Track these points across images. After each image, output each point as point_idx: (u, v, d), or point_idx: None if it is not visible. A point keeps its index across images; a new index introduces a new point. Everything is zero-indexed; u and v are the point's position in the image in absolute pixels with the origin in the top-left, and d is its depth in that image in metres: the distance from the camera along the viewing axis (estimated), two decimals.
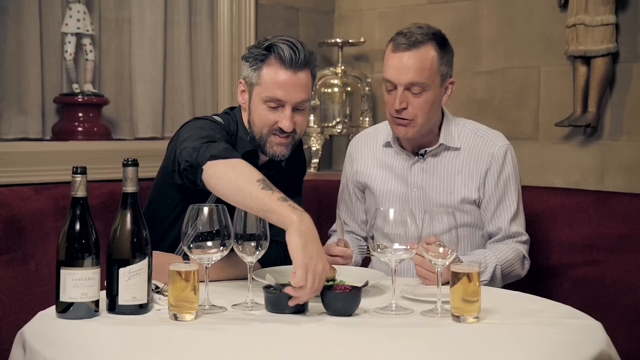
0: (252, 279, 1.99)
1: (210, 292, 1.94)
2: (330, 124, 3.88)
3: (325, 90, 3.89)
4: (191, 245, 1.88)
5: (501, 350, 1.67)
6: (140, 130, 3.60)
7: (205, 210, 1.88)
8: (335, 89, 3.89)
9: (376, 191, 2.62)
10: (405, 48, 2.41)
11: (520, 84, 3.54)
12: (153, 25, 3.60)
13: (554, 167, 3.45)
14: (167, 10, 3.66)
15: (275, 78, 2.23)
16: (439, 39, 2.46)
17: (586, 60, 3.26)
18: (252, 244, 1.95)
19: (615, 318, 2.55)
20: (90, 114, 3.40)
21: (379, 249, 1.94)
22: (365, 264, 2.67)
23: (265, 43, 2.26)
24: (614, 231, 2.79)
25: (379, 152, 2.66)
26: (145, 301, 1.87)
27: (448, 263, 1.92)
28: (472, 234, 2.58)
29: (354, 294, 1.90)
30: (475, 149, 2.55)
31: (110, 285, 1.86)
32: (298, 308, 1.89)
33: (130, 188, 1.88)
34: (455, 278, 1.84)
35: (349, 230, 2.74)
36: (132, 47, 3.58)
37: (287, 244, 1.86)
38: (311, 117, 3.83)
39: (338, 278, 2.13)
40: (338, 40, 3.89)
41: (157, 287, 2.04)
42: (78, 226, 1.83)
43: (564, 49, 3.31)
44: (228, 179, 1.98)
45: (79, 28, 3.35)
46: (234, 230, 1.93)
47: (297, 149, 2.45)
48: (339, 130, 3.88)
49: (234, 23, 3.70)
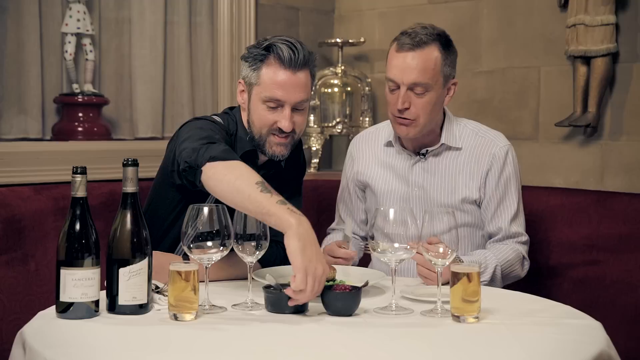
0: (252, 279, 1.99)
1: (210, 292, 1.94)
2: (330, 124, 3.88)
3: (325, 90, 3.89)
4: (191, 245, 1.88)
5: (501, 350, 1.67)
6: (140, 130, 3.60)
7: (205, 210, 1.88)
8: (335, 89, 3.89)
9: (377, 191, 2.62)
10: (409, 48, 2.41)
11: (520, 84, 3.54)
12: (153, 25, 3.60)
13: (554, 167, 3.45)
14: (167, 10, 3.66)
15: (274, 78, 2.22)
16: (443, 40, 2.46)
17: (586, 60, 3.26)
18: (252, 244, 1.95)
19: (615, 318, 2.55)
20: (90, 114, 3.40)
21: (379, 249, 1.94)
22: (365, 264, 2.67)
23: (265, 43, 2.25)
24: (614, 231, 2.79)
25: (380, 152, 2.65)
26: (145, 301, 1.87)
27: (448, 263, 1.92)
28: (473, 234, 2.58)
29: (354, 294, 1.90)
30: (477, 149, 2.55)
31: (110, 285, 1.86)
32: (298, 308, 1.89)
33: (130, 188, 1.88)
34: (455, 278, 1.84)
35: None
36: (132, 47, 3.58)
37: (286, 248, 1.85)
38: (311, 117, 3.83)
39: (338, 278, 2.13)
40: (338, 40, 3.88)
41: (157, 287, 2.04)
42: (78, 226, 1.83)
43: (564, 49, 3.31)
44: (227, 181, 1.98)
45: (79, 28, 3.35)
46: (234, 230, 1.93)
47: (297, 149, 2.45)
48: (339, 130, 3.88)
49: (234, 23, 3.70)
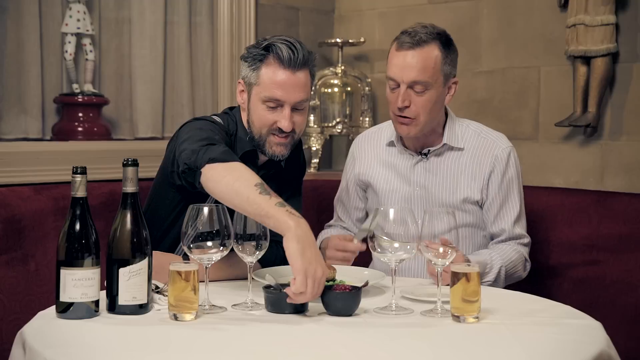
0: (252, 279, 1.99)
1: (210, 292, 1.94)
2: (330, 124, 3.88)
3: (325, 90, 3.89)
4: (191, 245, 1.88)
5: (501, 350, 1.67)
6: (140, 130, 3.60)
7: (205, 210, 1.88)
8: (335, 89, 3.89)
9: (379, 190, 2.62)
10: (409, 47, 2.42)
11: (520, 84, 3.54)
12: (153, 25, 3.60)
13: (554, 167, 3.45)
14: (167, 10, 3.66)
15: (274, 78, 2.22)
16: (444, 39, 2.46)
17: (586, 60, 3.26)
18: (252, 244, 1.95)
19: (615, 318, 2.55)
20: (90, 114, 3.40)
21: (379, 250, 1.94)
22: (365, 264, 2.67)
23: (264, 43, 2.25)
24: (614, 231, 2.79)
25: (382, 151, 2.66)
26: (145, 301, 1.87)
27: (448, 263, 1.92)
28: (474, 234, 2.58)
29: (354, 294, 1.90)
30: (479, 150, 2.55)
31: (110, 285, 1.86)
32: (298, 308, 1.89)
33: (130, 188, 1.88)
34: (455, 278, 1.84)
35: (344, 227, 2.75)
36: (132, 47, 3.58)
37: (285, 250, 1.85)
38: (311, 117, 3.83)
39: (338, 278, 2.13)
40: (338, 40, 3.88)
41: (157, 287, 2.04)
42: (78, 226, 1.83)
43: (564, 49, 3.31)
44: (226, 183, 1.97)
45: (79, 28, 3.35)
46: (234, 230, 1.93)
47: (297, 148, 2.45)
48: (339, 130, 3.87)
49: (234, 23, 3.70)
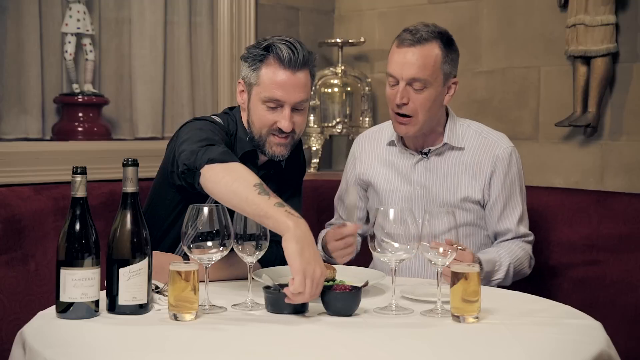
0: (252, 279, 1.99)
1: (210, 292, 1.94)
2: (330, 124, 3.88)
3: (325, 90, 3.89)
4: (191, 245, 1.88)
5: (501, 350, 1.67)
6: (140, 130, 3.60)
7: (205, 210, 1.88)
8: (335, 89, 3.89)
9: (380, 189, 2.62)
10: (409, 44, 2.42)
11: (520, 84, 3.54)
12: (153, 25, 3.60)
13: (554, 167, 3.45)
14: (167, 10, 3.66)
15: (274, 78, 2.22)
16: (445, 38, 2.46)
17: (586, 60, 3.26)
18: (252, 244, 1.95)
19: (615, 318, 2.55)
20: (90, 114, 3.40)
21: (379, 250, 1.94)
22: (365, 264, 2.67)
23: (264, 43, 2.25)
24: (614, 231, 2.79)
25: (382, 151, 2.66)
26: (145, 301, 1.87)
27: (448, 263, 1.92)
28: (474, 232, 2.58)
29: (354, 294, 1.90)
30: (479, 150, 2.55)
31: (110, 285, 1.86)
32: (298, 309, 1.88)
33: (130, 188, 1.88)
34: (455, 278, 1.84)
35: None
36: (132, 47, 3.58)
37: (284, 250, 1.84)
38: (311, 117, 3.83)
39: (338, 278, 2.13)
40: (338, 40, 3.88)
41: (157, 287, 2.04)
42: (78, 226, 1.83)
43: (564, 49, 3.31)
44: (225, 183, 1.97)
45: (79, 28, 3.35)
46: (234, 230, 1.93)
47: (297, 148, 2.45)
48: (339, 130, 3.87)
49: (234, 23, 3.70)
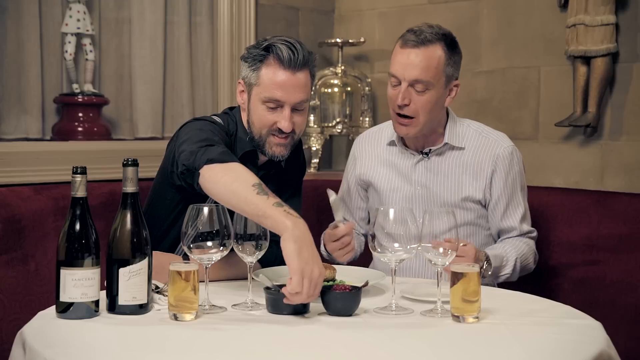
0: (252, 279, 1.99)
1: (210, 292, 1.94)
2: (330, 124, 3.88)
3: (325, 90, 3.89)
4: (191, 245, 1.88)
5: (501, 350, 1.67)
6: (140, 130, 3.60)
7: (205, 210, 1.88)
8: (335, 89, 3.89)
9: (381, 190, 2.62)
10: (413, 45, 2.42)
11: (520, 84, 3.54)
12: (153, 25, 3.60)
13: (554, 167, 3.45)
14: (167, 10, 3.66)
15: (274, 78, 2.22)
16: (448, 40, 2.46)
17: (586, 60, 3.26)
18: (252, 244, 1.95)
19: (615, 318, 2.55)
20: (90, 114, 3.41)
21: (379, 250, 1.94)
22: (365, 264, 2.67)
23: (264, 43, 2.25)
24: (614, 231, 2.79)
25: (383, 151, 2.66)
26: (145, 301, 1.87)
27: (448, 263, 1.92)
28: (475, 232, 2.58)
29: (354, 294, 1.90)
30: (480, 150, 2.55)
31: (110, 285, 1.86)
32: (299, 310, 1.88)
33: (130, 188, 1.88)
34: (455, 278, 1.84)
35: None
36: (132, 47, 3.58)
37: (282, 250, 1.83)
38: (311, 117, 3.83)
39: (338, 278, 2.13)
40: (338, 40, 3.88)
41: (157, 287, 2.03)
42: (78, 226, 1.83)
43: (564, 49, 3.31)
44: (223, 183, 1.97)
45: (79, 28, 3.35)
46: (234, 230, 1.93)
47: (297, 149, 2.45)
48: (339, 130, 3.88)
49: (234, 23, 3.70)
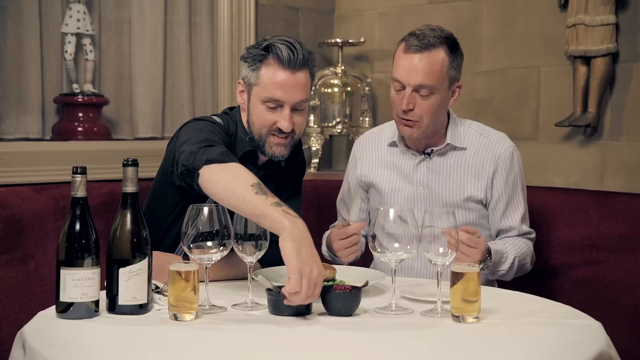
0: (252, 279, 1.99)
1: (210, 292, 1.94)
2: (330, 124, 3.88)
3: (325, 90, 3.89)
4: (191, 245, 1.88)
5: (501, 350, 1.67)
6: (140, 130, 3.60)
7: (205, 210, 1.88)
8: (335, 89, 3.89)
9: (382, 190, 2.62)
10: (416, 50, 2.42)
11: (520, 84, 3.54)
12: (153, 25, 3.60)
13: (554, 167, 3.45)
14: (167, 10, 3.66)
15: (273, 78, 2.22)
16: (451, 43, 2.46)
17: (586, 60, 3.26)
18: (252, 244, 1.95)
19: (615, 318, 2.55)
20: (90, 114, 3.41)
21: (379, 250, 1.94)
22: (366, 264, 2.67)
23: (264, 43, 2.25)
24: (614, 231, 2.79)
25: (383, 152, 2.66)
26: (145, 301, 1.87)
27: (448, 263, 1.92)
28: None
29: (354, 294, 1.90)
30: (481, 150, 2.55)
31: (110, 285, 1.86)
32: (301, 311, 1.87)
33: (130, 188, 1.88)
34: (455, 278, 1.84)
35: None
36: (132, 47, 3.58)
37: (281, 250, 1.82)
38: (311, 117, 3.83)
39: (338, 278, 2.13)
40: (338, 40, 3.88)
41: (157, 287, 2.04)
42: (78, 226, 1.83)
43: (564, 49, 3.31)
44: (222, 183, 1.97)
45: (79, 28, 3.35)
46: (234, 230, 1.93)
47: (297, 149, 2.44)
48: (339, 130, 3.87)
49: (234, 23, 3.70)
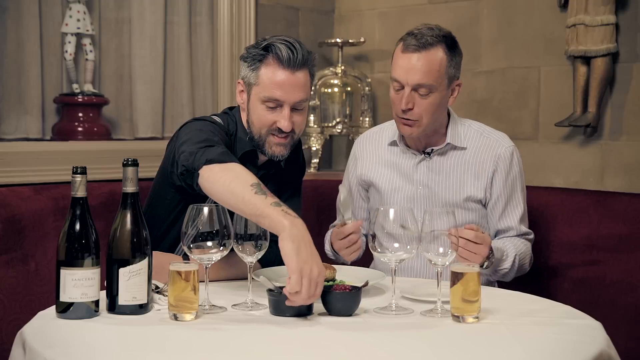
0: (252, 279, 1.99)
1: (210, 292, 1.94)
2: (330, 124, 3.88)
3: (325, 90, 3.89)
4: (191, 245, 1.88)
5: (501, 350, 1.67)
6: (140, 130, 3.60)
7: (205, 210, 1.88)
8: (335, 89, 3.89)
9: (382, 190, 2.62)
10: (414, 49, 2.41)
11: (520, 84, 3.54)
12: (153, 25, 3.60)
13: (554, 167, 3.45)
14: (167, 10, 3.66)
15: (273, 78, 2.22)
16: (449, 41, 2.46)
17: (586, 60, 3.26)
18: (252, 244, 1.95)
19: (615, 318, 2.55)
20: (90, 114, 3.41)
21: (379, 250, 1.94)
22: (366, 264, 2.67)
23: (263, 43, 2.25)
24: (614, 231, 2.79)
25: (384, 151, 2.66)
26: (145, 301, 1.87)
27: (448, 263, 1.92)
28: None
29: (354, 294, 1.90)
30: (481, 150, 2.55)
31: (110, 285, 1.86)
32: (303, 312, 1.86)
33: (130, 188, 1.88)
34: (455, 278, 1.84)
35: None
36: (132, 47, 3.58)
37: (280, 250, 1.82)
38: (311, 117, 3.83)
39: (338, 278, 2.13)
40: (338, 40, 3.88)
41: (157, 287, 2.04)
42: (78, 226, 1.83)
43: (564, 49, 3.31)
44: (222, 183, 1.97)
45: (79, 28, 3.35)
46: (234, 230, 1.93)
47: (297, 149, 2.44)
48: (339, 130, 3.87)
49: (234, 23, 3.70)
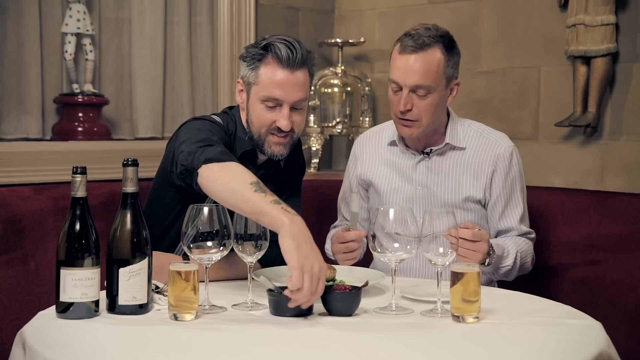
0: (252, 279, 1.98)
1: (210, 292, 1.94)
2: (330, 124, 3.88)
3: (325, 90, 3.89)
4: (191, 245, 1.88)
5: (501, 350, 1.67)
6: (140, 130, 3.60)
7: (205, 210, 1.88)
8: (335, 89, 3.89)
9: (381, 190, 2.62)
10: (412, 50, 2.41)
11: (520, 84, 3.54)
12: (153, 25, 3.60)
13: (554, 167, 3.45)
14: (167, 10, 3.66)
15: (272, 77, 2.22)
16: (446, 41, 2.45)
17: (586, 60, 3.26)
18: (252, 244, 1.95)
19: (615, 318, 2.55)
20: (90, 114, 3.41)
21: (379, 250, 1.94)
22: (366, 264, 2.67)
23: (263, 42, 2.25)
24: (614, 231, 2.79)
25: (383, 151, 2.66)
26: (145, 301, 1.87)
27: (448, 263, 1.92)
28: None
29: (354, 294, 1.90)
30: (481, 150, 2.55)
31: (110, 285, 1.86)
32: (303, 312, 1.86)
33: (130, 188, 1.88)
34: (455, 278, 1.84)
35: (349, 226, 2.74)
36: (132, 47, 3.58)
37: (280, 247, 1.82)
38: (311, 117, 3.83)
39: (338, 278, 2.13)
40: (338, 40, 3.88)
41: (157, 287, 2.04)
42: (78, 226, 1.83)
43: (564, 49, 3.31)
44: (221, 182, 1.97)
45: (79, 28, 3.35)
46: (234, 230, 1.93)
47: (296, 148, 2.45)
48: (339, 130, 3.88)
49: (234, 23, 3.70)
